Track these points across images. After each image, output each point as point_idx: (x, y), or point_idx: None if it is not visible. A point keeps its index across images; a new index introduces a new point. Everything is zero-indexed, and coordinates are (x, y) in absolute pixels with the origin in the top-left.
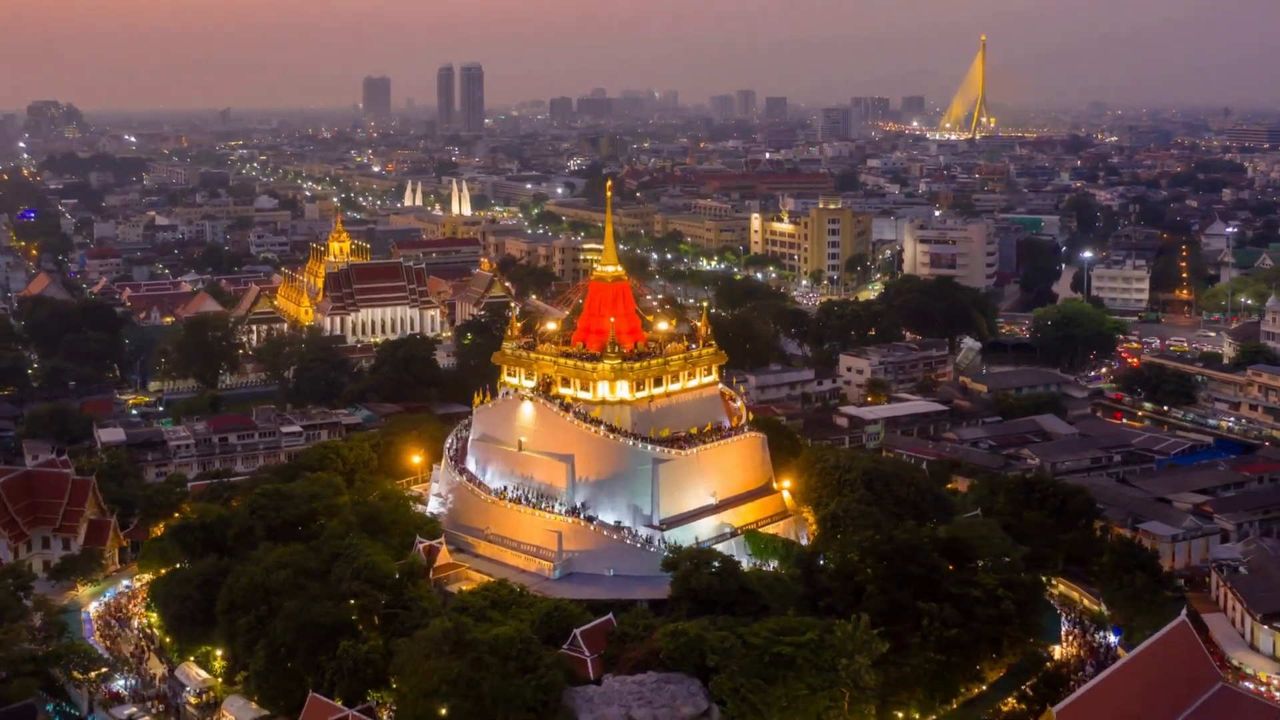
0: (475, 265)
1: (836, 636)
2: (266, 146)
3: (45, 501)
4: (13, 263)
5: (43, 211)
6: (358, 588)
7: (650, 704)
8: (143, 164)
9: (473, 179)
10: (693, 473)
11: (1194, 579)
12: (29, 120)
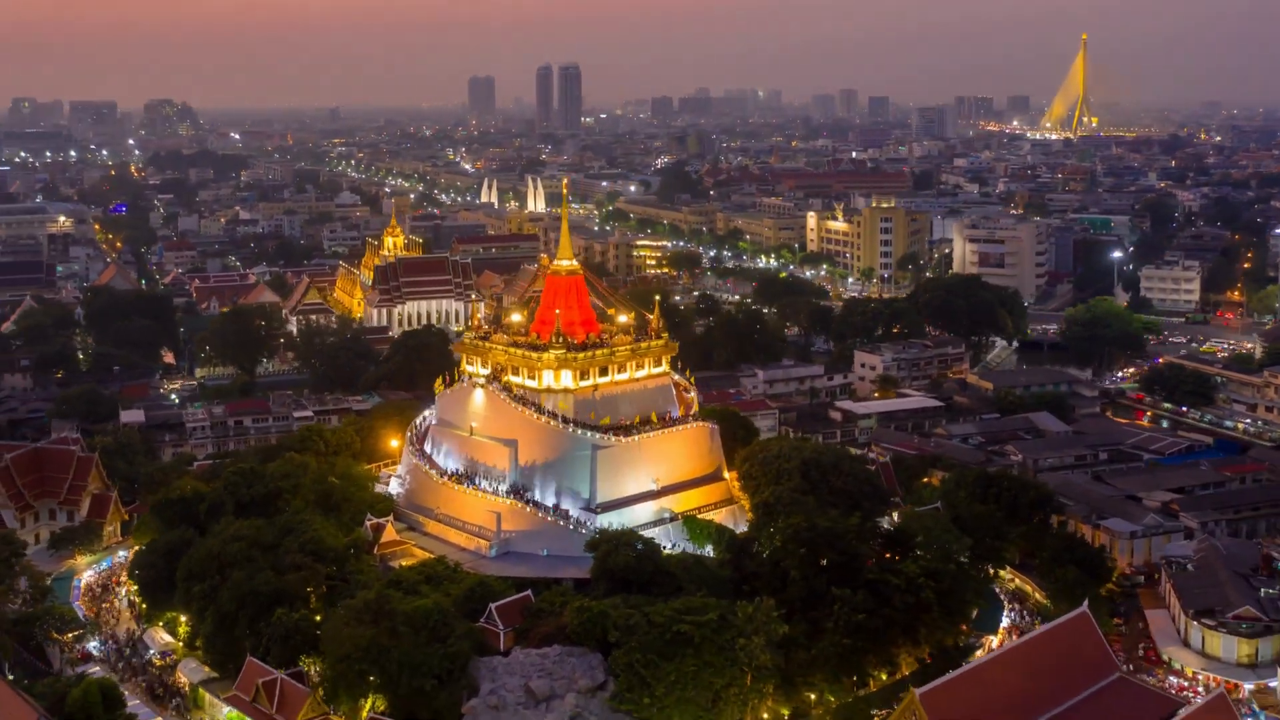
0: (534, 260)
1: (737, 617)
2: (366, 144)
3: (51, 476)
4: (93, 254)
5: (136, 206)
6: (301, 560)
7: (550, 675)
8: (244, 161)
9: (552, 176)
10: (634, 459)
11: (1151, 575)
12: (145, 118)
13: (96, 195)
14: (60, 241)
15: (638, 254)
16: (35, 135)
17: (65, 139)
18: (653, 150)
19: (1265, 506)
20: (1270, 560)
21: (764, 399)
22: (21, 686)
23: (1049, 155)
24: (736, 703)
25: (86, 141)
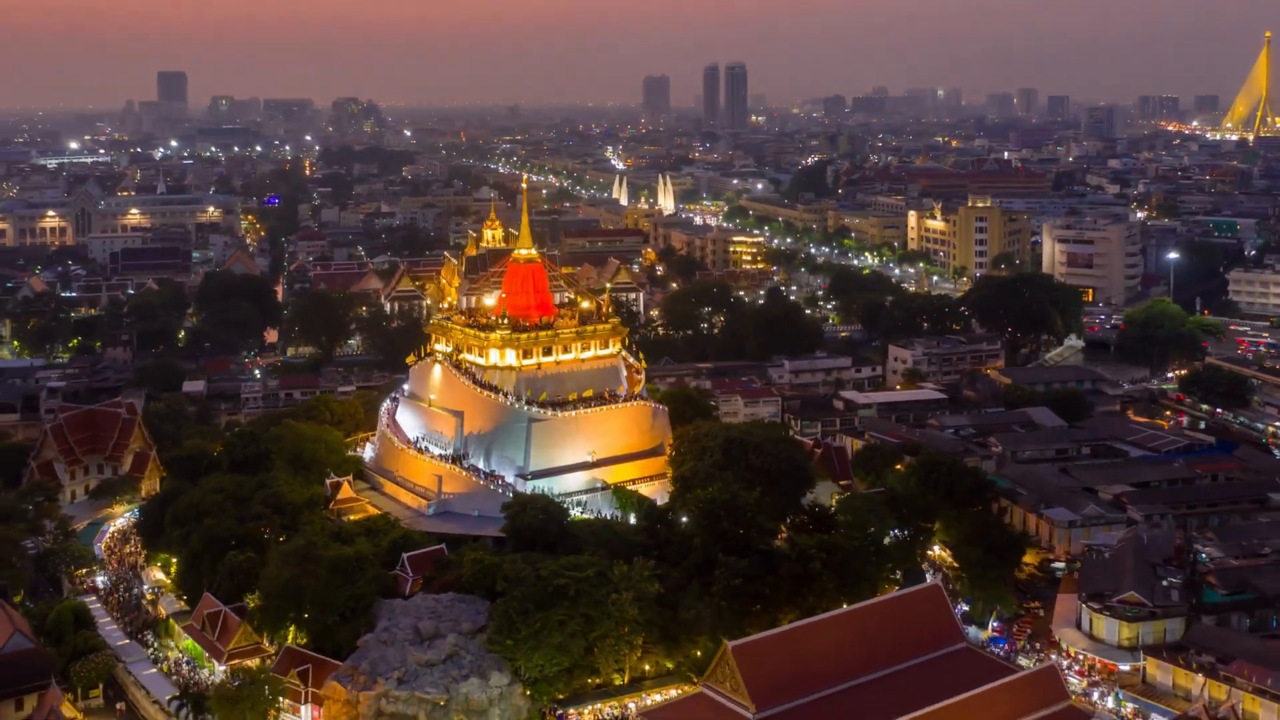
0: (638, 255)
1: (614, 575)
2: (530, 142)
3: (100, 435)
4: (230, 242)
5: (293, 198)
6: (262, 511)
7: (438, 617)
8: (410, 157)
9: (689, 174)
10: (569, 432)
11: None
12: (332, 115)
13: (261, 188)
14: (206, 230)
15: (733, 249)
16: (229, 131)
17: (254, 135)
18: (808, 149)
19: (1221, 503)
20: (1182, 551)
21: (769, 387)
22: (24, 609)
23: (1215, 156)
24: (611, 653)
25: (274, 138)
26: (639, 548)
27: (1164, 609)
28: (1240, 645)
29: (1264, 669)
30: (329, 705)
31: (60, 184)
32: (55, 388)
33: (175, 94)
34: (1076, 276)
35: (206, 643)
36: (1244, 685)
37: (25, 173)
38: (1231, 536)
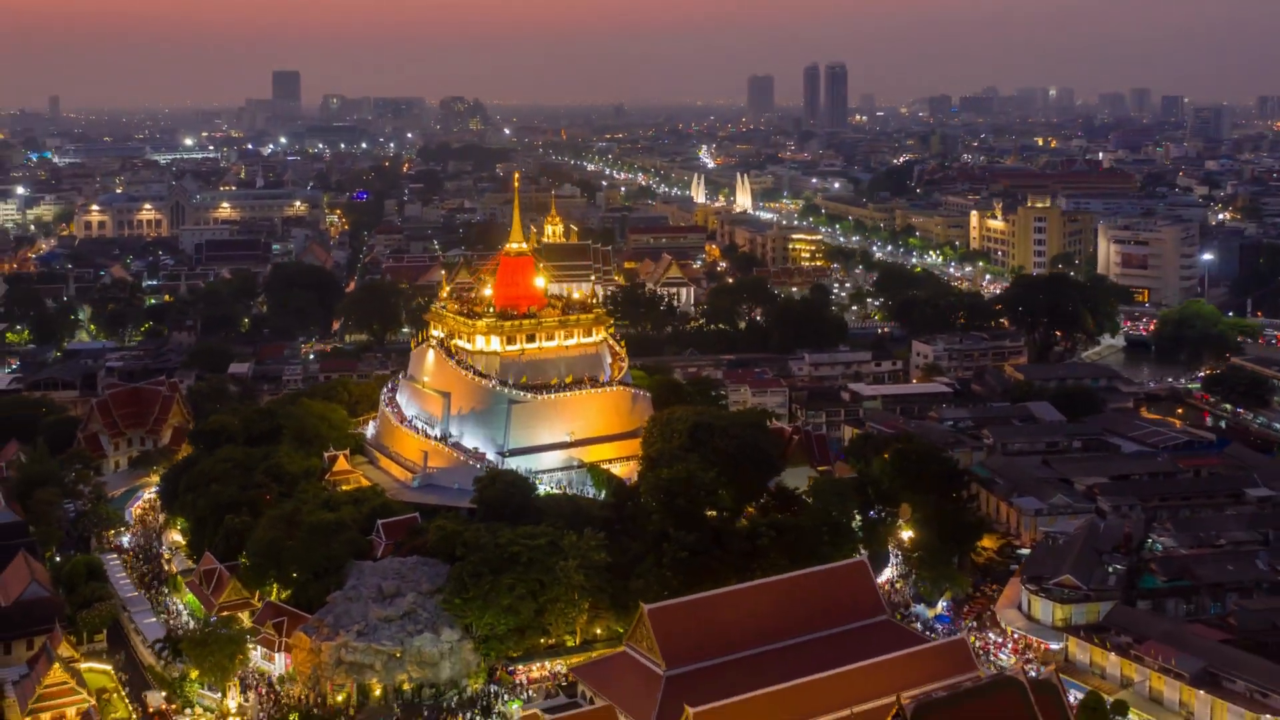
0: (701, 251)
1: (565, 544)
2: (626, 140)
3: (142, 410)
4: (311, 235)
5: (383, 194)
6: (262, 480)
7: (401, 578)
8: (506, 154)
9: (770, 173)
10: (548, 414)
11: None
12: (439, 113)
13: (357, 184)
14: (290, 224)
15: (792, 247)
16: (337, 129)
17: (361, 132)
18: (902, 148)
19: (1195, 497)
20: (1129, 540)
21: (778, 378)
22: (51, 563)
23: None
24: (562, 616)
25: (379, 135)
26: (602, 522)
27: (1098, 592)
28: (1156, 627)
29: (1171, 649)
30: (296, 653)
31: (166, 179)
32: (113, 367)
33: (289, 92)
34: (1130, 277)
35: (203, 596)
36: (1151, 664)
37: (136, 167)
38: (1192, 528)
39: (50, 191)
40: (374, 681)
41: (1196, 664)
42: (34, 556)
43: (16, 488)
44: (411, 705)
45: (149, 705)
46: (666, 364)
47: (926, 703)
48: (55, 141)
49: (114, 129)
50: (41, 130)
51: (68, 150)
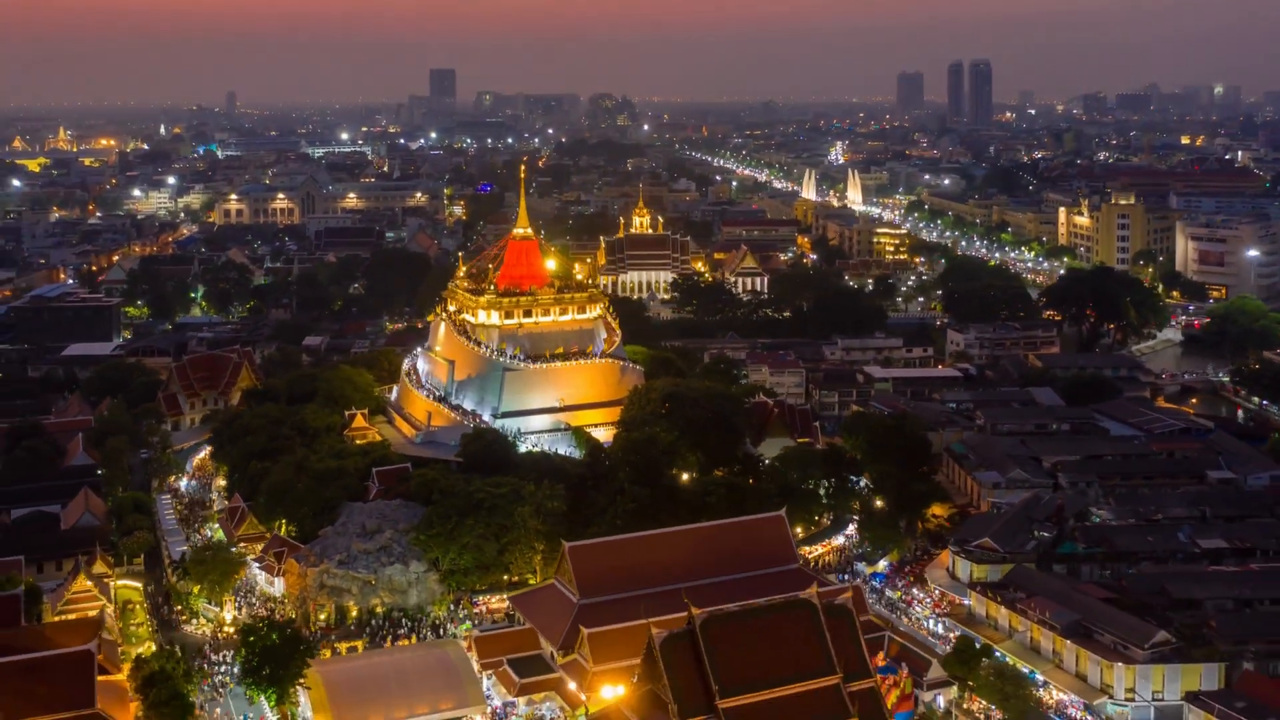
0: (792, 244)
1: (525, 493)
2: (763, 136)
3: (214, 374)
4: (424, 224)
5: (506, 187)
6: (288, 433)
7: (382, 518)
8: (640, 150)
9: (888, 169)
10: (539, 381)
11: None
12: (588, 109)
13: (489, 177)
14: (409, 213)
15: (876, 240)
16: (486, 125)
17: (508, 128)
18: (1039, 145)
19: (1157, 476)
20: (1060, 510)
21: (797, 360)
22: (116, 500)
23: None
24: (521, 556)
25: (525, 130)
26: (576, 478)
27: (1013, 555)
28: (1048, 586)
29: (1052, 605)
30: (287, 578)
31: (310, 171)
32: (204, 338)
33: (445, 89)
34: (1207, 274)
35: (227, 529)
36: (1032, 617)
37: (289, 160)
38: (1134, 503)
39: (201, 181)
40: (351, 604)
41: (1070, 617)
42: (97, 494)
43: (95, 436)
44: (378, 623)
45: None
46: (701, 345)
47: (716, 615)
48: (224, 136)
49: (282, 124)
50: (215, 125)
51: (230, 144)
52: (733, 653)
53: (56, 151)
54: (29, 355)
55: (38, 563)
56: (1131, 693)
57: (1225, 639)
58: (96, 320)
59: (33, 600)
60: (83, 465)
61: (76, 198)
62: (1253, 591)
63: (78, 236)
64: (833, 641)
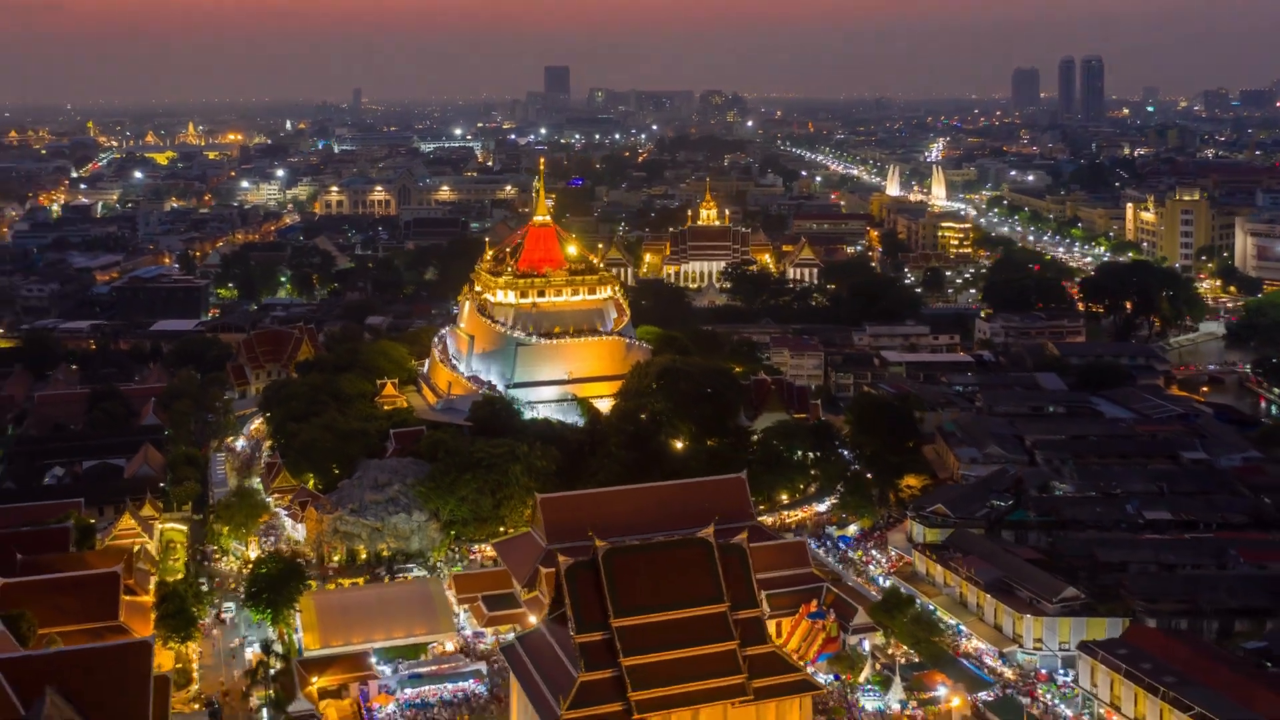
0: (861, 237)
1: (519, 453)
2: (864, 132)
3: (279, 347)
4: (508, 215)
5: (597, 181)
6: (324, 398)
7: (393, 472)
8: (740, 145)
9: (976, 165)
10: (549, 355)
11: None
12: (699, 106)
13: (585, 171)
14: (497, 205)
15: (941, 234)
16: (596, 121)
17: (617, 124)
18: (1143, 142)
19: (1132, 455)
20: (1019, 482)
21: (818, 343)
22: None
23: None
24: (515, 510)
25: (633, 126)
26: (575, 443)
27: (963, 521)
28: (981, 548)
29: (980, 563)
30: (308, 523)
31: (416, 165)
32: (276, 316)
33: (560, 86)
34: (1266, 269)
35: (266, 482)
36: (961, 573)
37: (400, 154)
38: (1096, 478)
39: (310, 174)
40: (361, 547)
41: (993, 574)
42: (158, 450)
43: (165, 400)
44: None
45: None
46: (736, 329)
47: (618, 548)
48: (343, 131)
49: (402, 120)
50: (337, 121)
51: (346, 139)
52: (630, 580)
53: (184, 146)
54: (121, 329)
55: (98, 506)
56: (1039, 643)
57: (1136, 597)
58: (187, 299)
59: (86, 535)
60: (150, 425)
61: (195, 189)
62: (1176, 557)
63: (187, 225)
64: (724, 575)
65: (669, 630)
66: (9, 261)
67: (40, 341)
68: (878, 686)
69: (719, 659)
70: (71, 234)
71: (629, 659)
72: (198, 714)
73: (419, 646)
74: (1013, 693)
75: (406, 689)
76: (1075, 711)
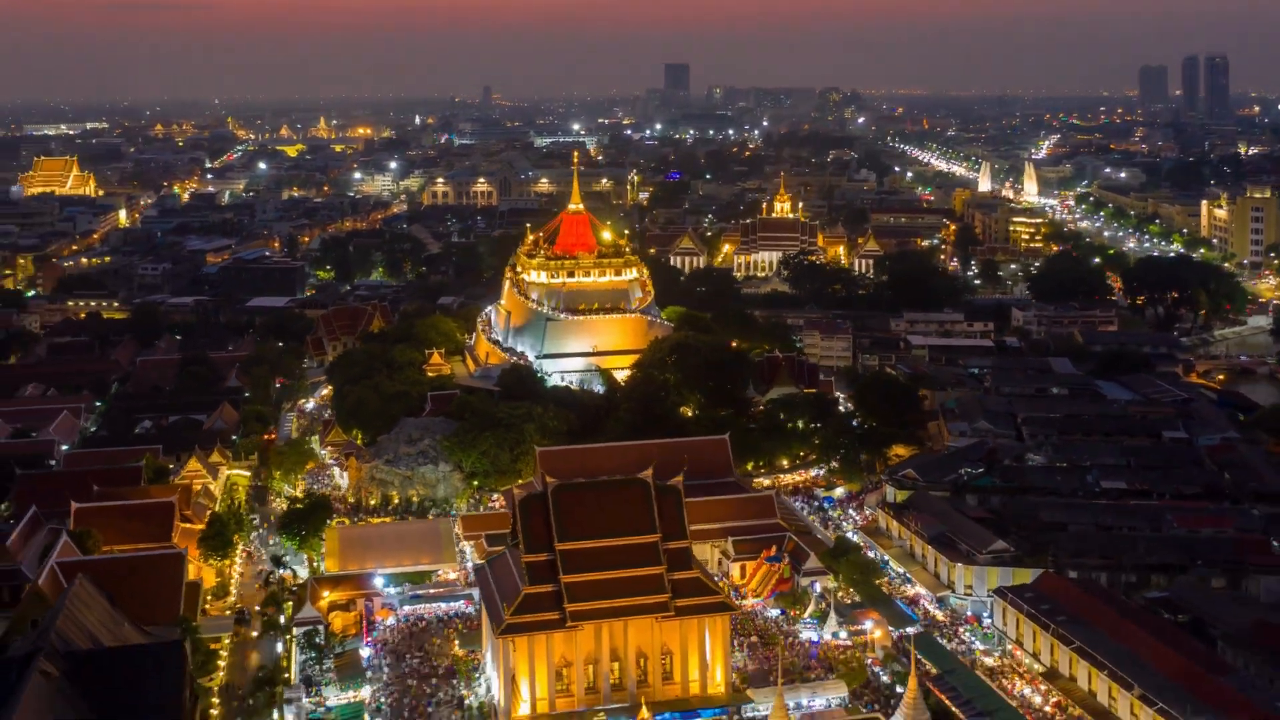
0: (938, 231)
1: (535, 414)
2: (976, 129)
3: (354, 322)
4: (600, 205)
5: (695, 175)
6: (377, 364)
7: (425, 429)
8: (845, 142)
9: (1073, 162)
10: (576, 330)
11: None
12: (817, 103)
13: (688, 166)
14: (592, 196)
15: (1012, 228)
16: (711, 117)
17: (732, 120)
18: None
19: (1116, 433)
20: (992, 453)
21: (847, 326)
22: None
23: None
24: (530, 462)
25: (746, 123)
26: (593, 408)
27: (930, 485)
28: (934, 507)
29: (928, 520)
30: (350, 471)
31: (528, 158)
32: (360, 294)
33: (679, 83)
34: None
35: (322, 437)
36: (910, 528)
37: (516, 149)
38: (1070, 451)
39: (425, 166)
40: (394, 493)
41: (936, 529)
42: (234, 408)
43: (247, 366)
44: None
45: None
46: (780, 314)
47: (566, 484)
48: (465, 126)
49: (526, 115)
50: (463, 116)
51: (467, 133)
52: (574, 511)
53: (314, 139)
54: (221, 304)
55: (175, 453)
56: (970, 589)
57: (1064, 553)
58: (284, 279)
59: (159, 475)
60: (232, 387)
61: (315, 180)
62: (1114, 520)
63: (300, 212)
64: (659, 511)
65: (605, 554)
66: (132, 243)
67: (148, 314)
68: (816, 620)
69: (648, 581)
70: (194, 220)
71: (567, 577)
72: (227, 618)
73: (425, 574)
74: (932, 629)
75: (405, 606)
76: (988, 647)
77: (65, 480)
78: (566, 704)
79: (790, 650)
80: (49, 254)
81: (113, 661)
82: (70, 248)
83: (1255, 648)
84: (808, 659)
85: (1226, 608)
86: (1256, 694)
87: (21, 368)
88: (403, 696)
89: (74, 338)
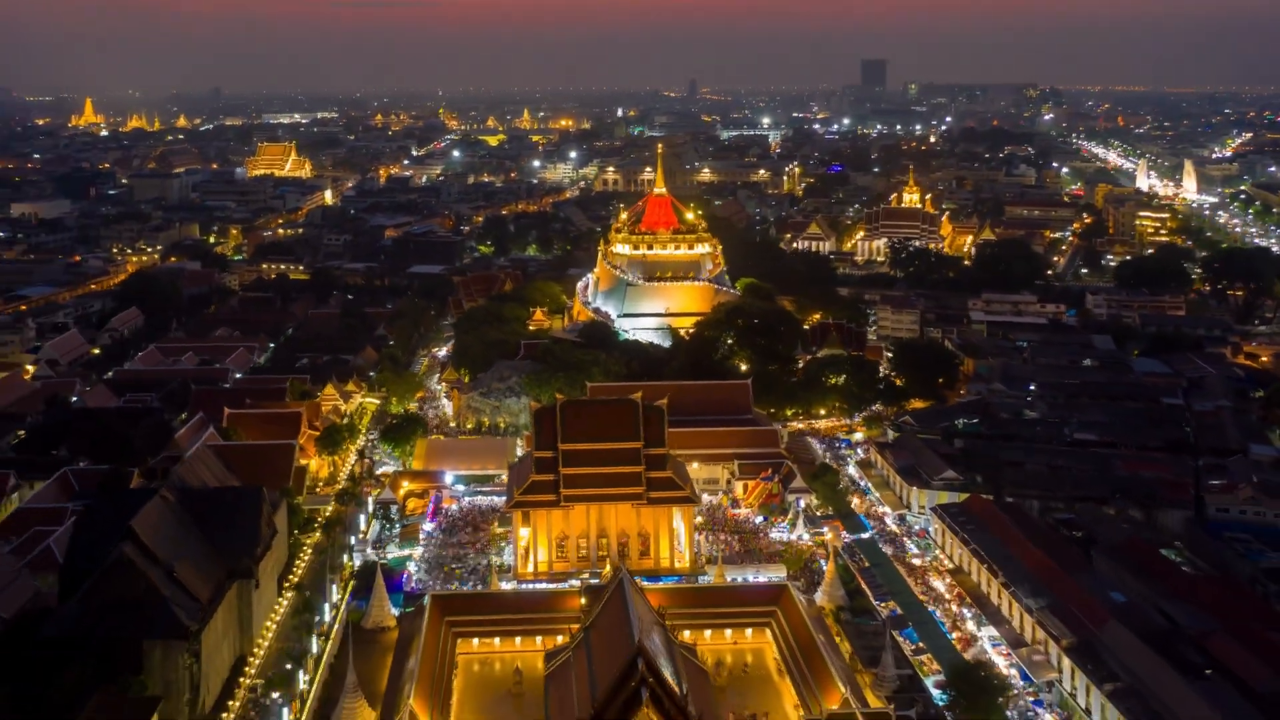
0: (1068, 224)
1: (601, 359)
2: (1171, 126)
3: (488, 285)
4: (751, 195)
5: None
6: (490, 319)
7: (514, 369)
8: (1025, 138)
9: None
10: (651, 295)
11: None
12: (1015, 97)
13: (860, 160)
14: (747, 185)
15: (1139, 222)
16: (904, 112)
17: (917, 115)
18: None
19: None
20: (989, 406)
21: (918, 302)
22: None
23: None
24: None
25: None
26: (657, 360)
27: (922, 429)
28: (912, 445)
29: (901, 453)
30: (453, 401)
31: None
32: (502, 265)
33: (876, 79)
34: None
35: (440, 375)
36: (887, 460)
37: (699, 140)
38: (1069, 410)
39: (605, 156)
40: (485, 419)
41: (905, 460)
42: (375, 351)
43: (393, 318)
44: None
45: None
46: (865, 290)
47: (570, 401)
48: (661, 119)
49: (724, 109)
50: (666, 109)
51: (657, 125)
52: (576, 421)
53: (515, 130)
54: (387, 270)
55: (322, 382)
56: (923, 509)
57: (1007, 483)
58: (445, 250)
59: (304, 397)
60: (379, 336)
61: (504, 167)
62: (1065, 462)
63: (480, 195)
64: (644, 424)
65: (596, 455)
66: (326, 219)
67: (325, 276)
68: (788, 525)
69: (629, 476)
70: (385, 199)
71: (566, 469)
72: (328, 496)
73: (489, 477)
74: (884, 539)
75: (466, 498)
76: (920, 551)
77: (228, 396)
78: (563, 567)
79: (759, 544)
80: (256, 226)
81: (211, 496)
82: (276, 221)
83: (1124, 559)
84: (771, 552)
85: (1116, 529)
86: (1097, 589)
87: (216, 315)
88: (441, 554)
89: (261, 294)
